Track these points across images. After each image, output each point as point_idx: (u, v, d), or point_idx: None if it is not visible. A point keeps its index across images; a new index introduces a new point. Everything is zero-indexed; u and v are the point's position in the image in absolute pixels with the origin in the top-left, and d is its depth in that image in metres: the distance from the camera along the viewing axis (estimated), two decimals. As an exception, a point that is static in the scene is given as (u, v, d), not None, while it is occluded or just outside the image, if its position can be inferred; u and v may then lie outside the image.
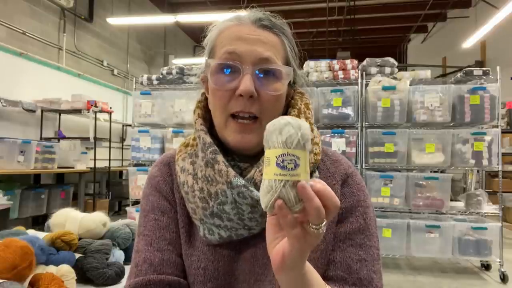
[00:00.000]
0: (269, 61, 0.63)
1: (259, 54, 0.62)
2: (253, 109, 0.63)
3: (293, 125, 0.46)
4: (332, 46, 9.94)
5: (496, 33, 6.67)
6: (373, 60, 3.66)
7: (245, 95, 0.61)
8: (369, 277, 0.65)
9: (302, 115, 0.69)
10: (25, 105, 4.76)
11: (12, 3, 5.01)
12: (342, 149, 3.40)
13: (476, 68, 3.54)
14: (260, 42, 0.63)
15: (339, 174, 0.71)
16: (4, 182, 4.19)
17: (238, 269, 0.66)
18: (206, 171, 0.65)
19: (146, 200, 0.73)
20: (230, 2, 7.87)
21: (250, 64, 0.62)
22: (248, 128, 0.64)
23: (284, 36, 0.67)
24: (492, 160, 3.21)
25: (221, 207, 0.63)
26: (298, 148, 0.46)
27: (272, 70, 0.63)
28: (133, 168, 3.70)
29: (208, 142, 0.65)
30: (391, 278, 3.25)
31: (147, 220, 0.71)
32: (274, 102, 0.64)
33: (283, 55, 0.66)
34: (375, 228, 0.70)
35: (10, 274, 0.98)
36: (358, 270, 0.65)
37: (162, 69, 3.97)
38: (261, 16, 0.67)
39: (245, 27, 0.65)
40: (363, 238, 0.67)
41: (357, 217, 0.68)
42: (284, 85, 0.65)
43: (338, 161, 0.73)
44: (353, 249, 0.66)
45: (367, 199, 0.71)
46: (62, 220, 1.39)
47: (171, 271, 0.67)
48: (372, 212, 0.71)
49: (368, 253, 0.67)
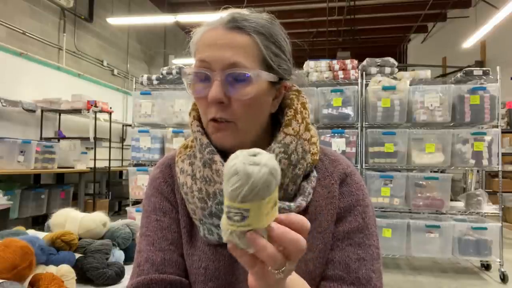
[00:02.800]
0: (237, 66, 0.61)
1: (227, 60, 0.61)
2: (225, 114, 0.62)
3: (240, 176, 0.41)
4: (332, 46, 9.94)
5: (496, 33, 6.67)
6: (373, 60, 3.66)
7: (212, 102, 0.62)
8: (367, 276, 0.65)
9: (299, 115, 0.68)
10: (25, 105, 4.77)
11: (12, 3, 5.01)
12: (342, 149, 3.40)
13: (476, 68, 3.54)
14: (228, 46, 0.62)
15: (337, 174, 0.71)
16: (4, 182, 4.19)
17: (238, 269, 0.67)
18: (204, 172, 0.65)
19: (148, 201, 0.74)
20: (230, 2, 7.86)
21: (219, 70, 0.61)
22: (222, 128, 0.64)
23: (258, 34, 0.63)
24: (492, 160, 3.21)
25: (220, 207, 0.63)
26: (247, 201, 0.41)
27: (239, 75, 0.61)
28: (133, 168, 3.70)
29: (205, 143, 0.66)
30: (391, 278, 3.25)
31: (149, 220, 0.72)
32: (247, 106, 0.63)
33: (256, 55, 0.63)
34: (374, 227, 0.70)
35: (10, 274, 0.97)
36: (357, 269, 0.65)
37: (162, 69, 3.97)
38: (233, 17, 0.64)
39: (216, 31, 0.63)
40: (362, 237, 0.67)
41: (355, 216, 0.68)
42: (257, 87, 0.62)
43: (337, 160, 0.73)
44: (352, 248, 0.66)
45: (366, 199, 0.71)
46: (62, 220, 1.39)
47: (173, 270, 0.67)
48: (371, 211, 0.71)
49: (367, 252, 0.66)
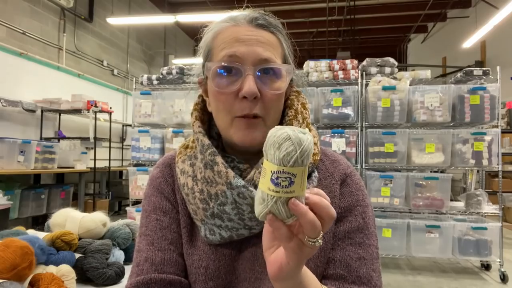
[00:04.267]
0: (269, 61, 0.63)
1: (259, 55, 0.62)
2: (256, 110, 0.63)
3: (293, 141, 0.44)
4: (332, 46, 9.95)
5: (496, 33, 6.68)
6: (373, 60, 3.66)
7: (249, 96, 0.61)
8: (368, 275, 0.65)
9: (299, 115, 0.69)
10: (25, 105, 4.76)
11: (12, 3, 5.01)
12: (342, 149, 3.40)
13: (476, 68, 3.53)
14: (258, 42, 0.63)
15: (338, 174, 0.71)
16: (4, 182, 4.19)
17: (239, 268, 0.67)
18: (206, 173, 0.65)
19: (148, 200, 0.74)
20: (230, 2, 7.82)
21: (251, 65, 0.62)
22: (253, 124, 0.63)
23: (280, 34, 0.67)
24: (492, 160, 3.21)
25: (222, 208, 0.64)
26: (296, 166, 0.44)
27: (273, 69, 0.63)
28: (133, 168, 3.70)
29: (207, 144, 0.65)
30: (391, 278, 3.25)
31: (149, 220, 0.71)
32: (276, 101, 0.65)
33: (281, 53, 0.67)
34: (374, 227, 0.71)
35: (10, 274, 0.97)
36: (358, 268, 0.65)
37: (162, 69, 3.97)
38: (257, 15, 0.66)
39: (242, 27, 0.64)
40: (362, 237, 0.68)
41: (356, 216, 0.69)
42: (285, 83, 0.65)
43: (337, 161, 0.73)
44: (352, 247, 0.67)
45: (366, 199, 0.71)
46: (62, 220, 1.39)
47: (172, 270, 0.67)
48: (371, 211, 0.71)
49: (367, 252, 0.67)
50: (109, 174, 6.02)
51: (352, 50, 9.64)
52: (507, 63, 6.35)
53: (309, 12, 8.72)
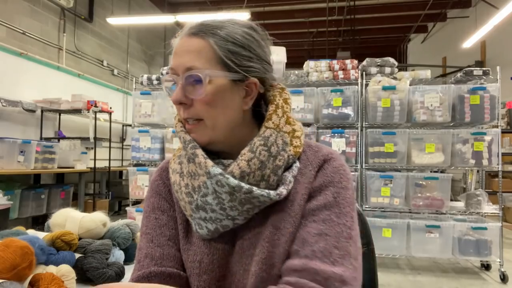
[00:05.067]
0: (192, 69, 0.66)
1: (184, 65, 0.67)
2: (188, 114, 0.68)
3: None
4: (332, 46, 9.94)
5: (496, 33, 6.67)
6: (373, 60, 3.66)
7: (174, 104, 0.69)
8: (326, 251, 0.61)
9: (280, 109, 0.71)
10: (25, 105, 4.76)
11: (12, 3, 5.01)
12: (342, 149, 3.40)
13: (476, 68, 3.53)
14: (186, 52, 0.67)
15: (316, 161, 0.71)
16: (4, 182, 4.19)
17: (231, 261, 0.69)
18: (189, 167, 0.69)
19: (148, 202, 0.79)
20: (230, 2, 7.88)
21: (181, 75, 0.67)
22: (194, 128, 0.69)
23: (213, 36, 0.67)
24: (492, 160, 3.21)
25: (204, 199, 0.67)
26: None
27: (193, 77, 0.66)
28: (133, 168, 3.70)
29: (188, 140, 0.70)
30: (391, 278, 3.25)
31: (149, 220, 0.76)
32: (208, 104, 0.67)
33: (210, 57, 0.67)
34: (351, 210, 0.66)
35: (10, 274, 0.97)
36: (313, 243, 0.62)
37: (162, 69, 3.97)
38: (193, 23, 0.70)
39: (179, 39, 0.70)
40: (329, 215, 0.65)
41: (326, 195, 0.67)
42: (214, 86, 0.66)
43: (319, 150, 0.73)
44: (314, 224, 0.64)
45: (343, 181, 0.68)
46: (62, 220, 1.39)
47: (172, 264, 0.71)
48: (349, 195, 0.68)
49: (333, 229, 0.63)
50: (109, 174, 6.02)
51: (352, 50, 9.63)
52: (507, 63, 6.35)
53: (309, 12, 8.72)
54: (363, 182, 3.44)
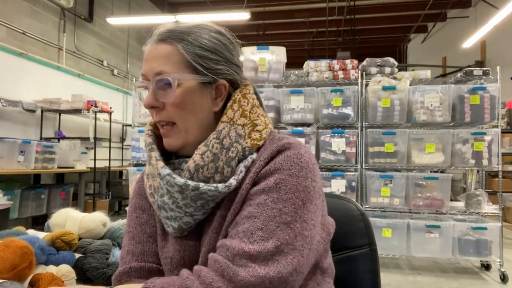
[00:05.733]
0: (160, 73, 0.68)
1: (154, 70, 0.69)
2: (161, 117, 0.70)
3: None
4: (332, 46, 9.94)
5: (496, 33, 6.67)
6: (373, 60, 3.66)
7: (146, 107, 0.71)
8: (248, 231, 0.60)
9: (236, 104, 0.72)
10: (25, 105, 4.76)
11: (12, 3, 5.01)
12: (342, 149, 3.40)
13: (476, 68, 3.54)
14: (154, 58, 0.70)
15: (270, 150, 0.68)
16: (4, 182, 4.19)
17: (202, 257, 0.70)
18: (150, 169, 0.73)
19: (131, 203, 0.83)
20: (230, 2, 7.87)
21: (152, 80, 0.69)
22: (168, 133, 0.71)
23: (180, 41, 0.69)
24: (492, 160, 3.21)
25: (162, 199, 0.69)
26: None
27: (163, 81, 0.68)
28: (133, 168, 3.70)
29: (148, 143, 0.73)
30: (391, 278, 3.25)
31: (131, 219, 0.80)
32: (178, 106, 0.69)
33: (178, 61, 0.69)
34: (295, 197, 0.62)
35: (10, 274, 0.98)
36: (239, 225, 0.61)
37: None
38: (160, 31, 0.71)
39: (148, 46, 0.72)
40: (265, 199, 0.62)
41: (268, 180, 0.64)
42: (184, 89, 0.68)
43: (279, 141, 0.70)
44: (248, 207, 0.63)
45: (293, 169, 0.64)
46: (62, 220, 1.39)
47: (152, 260, 0.75)
48: (297, 183, 0.64)
49: (264, 212, 0.61)
50: (109, 174, 6.02)
51: (352, 50, 9.64)
52: (507, 63, 6.35)
53: (309, 12, 8.72)
54: (363, 182, 3.44)
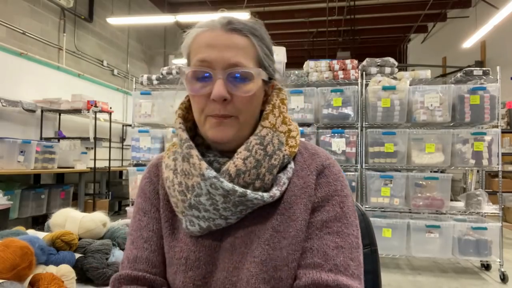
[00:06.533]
0: (238, 66, 0.66)
1: (228, 60, 0.65)
2: (227, 111, 0.67)
3: None
4: (332, 46, 9.94)
5: (496, 33, 6.67)
6: (373, 60, 3.66)
7: (218, 100, 0.65)
8: (345, 264, 0.66)
9: (276, 109, 0.72)
10: (25, 105, 4.76)
11: (12, 3, 5.01)
12: (342, 149, 3.40)
13: (476, 68, 3.53)
14: (228, 47, 0.66)
15: (314, 166, 0.73)
16: (4, 182, 4.19)
17: (218, 258, 0.70)
18: (183, 166, 0.69)
19: (135, 202, 0.82)
20: (230, 2, 7.88)
21: (221, 70, 0.66)
22: (224, 122, 0.67)
23: (254, 36, 0.68)
24: (492, 160, 3.21)
25: (198, 199, 0.67)
26: None
27: (242, 73, 0.66)
28: (133, 168, 3.70)
29: (184, 138, 0.69)
30: (391, 278, 3.25)
31: (133, 221, 0.79)
32: (248, 101, 0.68)
33: (254, 55, 0.68)
34: (354, 218, 0.71)
35: (10, 274, 0.97)
36: (335, 257, 0.66)
37: (162, 69, 3.97)
38: (231, 19, 0.68)
39: (215, 32, 0.67)
40: (340, 226, 0.68)
41: (333, 205, 0.70)
42: (256, 84, 0.68)
43: (316, 154, 0.75)
44: (330, 236, 0.68)
45: (345, 189, 0.72)
46: (62, 220, 1.39)
47: (143, 267, 0.73)
48: (350, 202, 0.72)
49: (346, 241, 0.67)
50: (109, 174, 6.02)
51: (352, 50, 9.64)
52: (507, 63, 6.35)
53: (309, 12, 8.72)
54: (363, 182, 3.44)
